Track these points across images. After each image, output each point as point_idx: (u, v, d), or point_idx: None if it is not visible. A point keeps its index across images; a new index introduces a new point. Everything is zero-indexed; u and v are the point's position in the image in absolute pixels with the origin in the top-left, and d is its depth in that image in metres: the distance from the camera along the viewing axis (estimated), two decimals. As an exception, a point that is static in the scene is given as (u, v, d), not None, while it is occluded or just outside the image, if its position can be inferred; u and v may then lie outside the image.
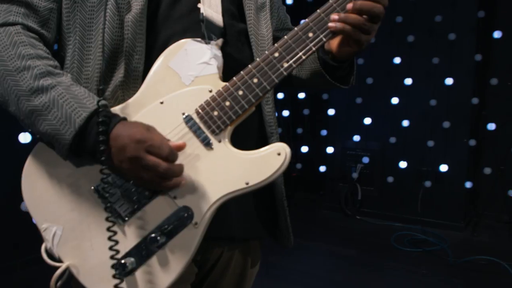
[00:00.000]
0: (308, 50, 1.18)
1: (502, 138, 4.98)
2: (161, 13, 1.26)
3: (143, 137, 1.08)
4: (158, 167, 1.07)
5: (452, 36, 4.80)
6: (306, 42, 1.18)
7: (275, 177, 1.15)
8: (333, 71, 1.36)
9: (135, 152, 1.07)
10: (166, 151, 1.08)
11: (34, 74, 1.13)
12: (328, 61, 1.34)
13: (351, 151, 5.58)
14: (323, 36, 1.18)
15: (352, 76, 1.41)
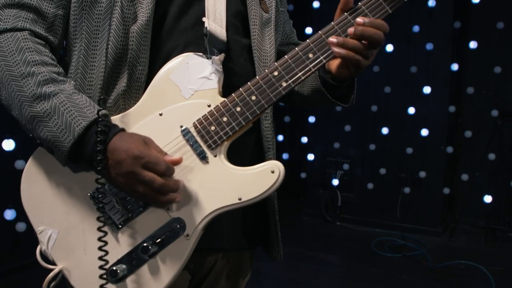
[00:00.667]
0: (307, 70, 1.19)
1: (478, 145, 5.10)
2: (166, 25, 1.27)
3: (140, 152, 1.10)
4: (154, 183, 1.10)
5: (429, 46, 4.91)
6: (306, 62, 1.20)
7: (268, 194, 1.17)
8: (333, 90, 1.38)
9: (131, 167, 1.10)
10: (162, 167, 1.11)
11: (37, 81, 1.15)
12: (328, 80, 1.35)
13: (331, 158, 5.64)
14: (323, 57, 1.20)
15: (352, 95, 1.43)
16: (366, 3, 1.21)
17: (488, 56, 5.01)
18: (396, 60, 5.14)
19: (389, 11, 1.21)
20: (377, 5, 1.21)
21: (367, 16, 1.20)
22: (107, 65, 1.22)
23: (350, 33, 1.19)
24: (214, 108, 1.20)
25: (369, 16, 1.20)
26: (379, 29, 1.20)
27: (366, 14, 1.20)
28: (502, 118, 4.97)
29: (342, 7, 1.23)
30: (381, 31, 1.20)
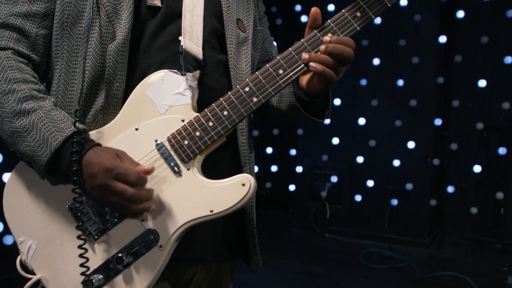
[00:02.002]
0: (277, 86, 1.23)
1: (464, 158, 5.15)
2: (143, 43, 1.32)
3: (111, 165, 1.14)
4: (125, 193, 1.14)
5: (416, 59, 4.98)
6: (276, 78, 1.23)
7: (239, 206, 1.20)
8: (308, 106, 1.41)
9: (104, 180, 1.14)
10: (133, 178, 1.15)
11: (18, 98, 1.19)
12: (301, 97, 1.39)
13: (320, 170, 5.67)
14: (293, 73, 1.24)
15: (327, 110, 1.46)
16: (335, 21, 1.26)
17: (473, 70, 5.09)
18: (383, 73, 5.21)
19: (357, 28, 1.25)
20: (346, 22, 1.25)
21: (336, 33, 1.25)
22: (86, 82, 1.26)
23: (321, 50, 1.23)
24: (188, 123, 1.24)
25: (337, 33, 1.25)
26: (347, 46, 1.24)
27: (335, 31, 1.24)
28: (488, 131, 5.04)
29: (311, 24, 1.27)
30: (350, 48, 1.24)
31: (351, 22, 1.25)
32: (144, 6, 1.33)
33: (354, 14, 1.24)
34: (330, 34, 1.24)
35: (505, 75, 4.97)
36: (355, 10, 1.25)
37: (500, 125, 4.98)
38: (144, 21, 1.32)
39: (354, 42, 1.25)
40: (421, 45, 5.03)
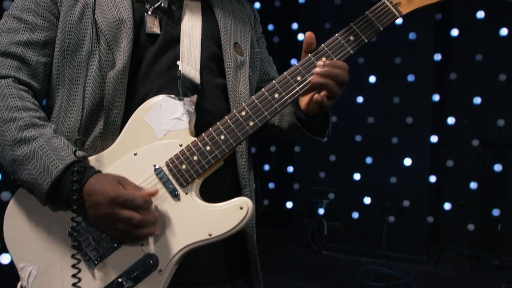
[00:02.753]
0: (273, 110, 1.26)
1: (460, 174, 5.17)
2: (141, 70, 1.34)
3: (115, 193, 1.16)
4: (133, 219, 1.16)
5: (411, 77, 5.02)
6: (271, 102, 1.26)
7: (237, 229, 1.22)
8: (308, 124, 1.44)
9: (109, 209, 1.16)
10: (140, 202, 1.17)
11: (19, 126, 1.21)
12: (301, 116, 1.42)
13: (317, 187, 5.67)
14: (288, 97, 1.27)
15: (327, 129, 1.49)
16: (329, 45, 1.29)
17: (468, 87, 5.14)
18: (379, 91, 5.24)
19: (351, 52, 1.29)
20: (339, 46, 1.28)
21: (330, 57, 1.28)
22: (85, 109, 1.28)
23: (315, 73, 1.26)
24: (185, 147, 1.26)
25: (331, 57, 1.28)
26: (341, 70, 1.27)
27: (329, 55, 1.28)
28: (484, 147, 5.06)
29: (305, 48, 1.30)
30: (344, 72, 1.27)
31: (345, 46, 1.28)
32: (143, 33, 1.36)
33: (348, 38, 1.28)
34: (324, 58, 1.27)
35: (499, 92, 5.02)
36: (348, 34, 1.28)
37: (495, 142, 5.01)
38: (143, 48, 1.35)
39: (347, 66, 1.28)
40: (416, 63, 5.07)
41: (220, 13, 1.50)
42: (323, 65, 1.25)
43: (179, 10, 1.43)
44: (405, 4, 1.29)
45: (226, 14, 1.51)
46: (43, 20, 1.33)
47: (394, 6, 1.29)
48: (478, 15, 4.88)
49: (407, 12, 1.29)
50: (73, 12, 1.33)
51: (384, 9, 1.29)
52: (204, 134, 1.27)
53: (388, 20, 1.28)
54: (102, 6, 1.33)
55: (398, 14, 1.29)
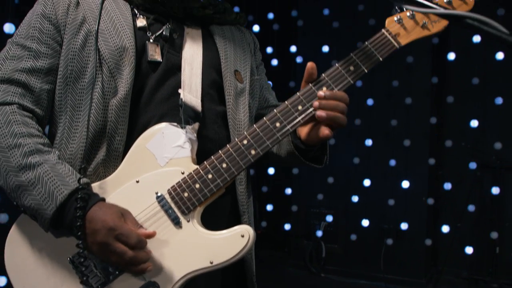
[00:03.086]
0: (275, 139, 1.28)
1: (458, 197, 5.18)
2: (143, 97, 1.36)
3: (114, 224, 1.17)
4: (124, 255, 1.17)
5: (408, 100, 5.06)
6: (273, 131, 1.28)
7: (239, 257, 1.23)
8: (306, 153, 1.46)
9: (105, 238, 1.17)
10: (133, 241, 1.18)
11: (23, 152, 1.23)
12: (299, 145, 1.43)
13: (315, 209, 5.66)
14: (290, 126, 1.28)
15: (325, 156, 1.50)
16: (330, 74, 1.31)
17: (465, 110, 5.17)
18: (377, 113, 5.27)
19: (351, 82, 1.31)
20: (340, 76, 1.30)
21: (330, 87, 1.30)
22: (88, 136, 1.30)
23: (315, 106, 1.28)
24: (188, 175, 1.27)
25: (332, 86, 1.30)
26: (341, 101, 1.29)
27: (329, 85, 1.29)
28: (481, 170, 5.08)
29: (307, 78, 1.32)
30: (343, 103, 1.29)
31: (345, 76, 1.30)
32: (145, 61, 1.38)
33: (348, 68, 1.30)
34: (325, 88, 1.29)
35: (496, 115, 5.05)
36: (348, 64, 1.30)
37: (493, 165, 5.03)
38: (145, 75, 1.37)
39: (347, 97, 1.30)
40: (413, 86, 5.11)
41: (220, 41, 1.52)
42: (324, 97, 1.27)
43: (180, 38, 1.45)
44: (404, 35, 1.32)
45: (227, 42, 1.53)
46: (47, 48, 1.35)
47: (393, 37, 1.31)
48: (474, 39, 4.93)
49: (406, 43, 1.31)
50: (76, 39, 1.35)
51: (383, 40, 1.31)
52: (206, 162, 1.28)
53: (388, 51, 1.31)
54: (104, 34, 1.35)
55: (397, 45, 1.31)
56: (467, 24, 0.93)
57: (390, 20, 1.33)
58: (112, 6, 1.40)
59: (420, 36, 1.32)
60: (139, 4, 1.44)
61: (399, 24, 1.32)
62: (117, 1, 1.43)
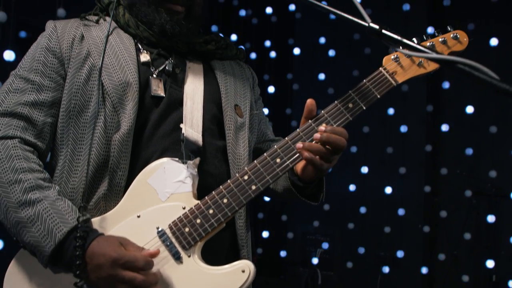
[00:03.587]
0: (275, 175, 1.30)
1: (454, 225, 5.18)
2: (146, 132, 1.37)
3: (117, 255, 1.17)
4: (135, 280, 1.16)
5: (404, 128, 5.10)
6: (273, 167, 1.30)
7: None
8: (302, 190, 1.47)
9: (111, 270, 1.17)
10: (141, 263, 1.18)
11: (24, 188, 1.23)
12: (296, 182, 1.45)
13: (311, 236, 5.65)
14: (289, 162, 1.31)
15: (321, 194, 1.52)
16: (329, 111, 1.33)
17: (460, 138, 5.21)
18: (373, 141, 5.30)
19: (350, 119, 1.33)
20: (339, 113, 1.33)
21: (330, 123, 1.32)
22: (90, 170, 1.31)
23: (315, 139, 1.30)
24: (189, 210, 1.28)
25: (331, 123, 1.32)
26: (341, 136, 1.30)
27: (328, 121, 1.32)
28: (477, 197, 5.09)
29: (306, 115, 1.35)
30: (343, 138, 1.31)
31: (344, 113, 1.33)
32: (148, 96, 1.40)
33: (347, 105, 1.33)
34: (325, 124, 1.31)
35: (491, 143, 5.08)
36: (347, 101, 1.33)
37: (488, 192, 5.04)
38: (148, 110, 1.39)
39: (347, 133, 1.32)
40: (409, 114, 5.16)
41: (221, 76, 1.54)
42: (324, 131, 1.29)
43: (182, 73, 1.48)
44: (401, 73, 1.35)
45: (227, 77, 1.56)
46: (50, 81, 1.37)
47: (390, 75, 1.35)
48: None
49: (403, 81, 1.34)
50: (80, 73, 1.37)
51: (381, 78, 1.34)
52: (207, 197, 1.29)
53: (385, 88, 1.34)
54: (109, 68, 1.37)
55: (394, 83, 1.35)
56: (458, 68, 0.96)
57: (387, 58, 1.37)
58: (116, 41, 1.43)
59: (417, 74, 1.35)
60: (143, 38, 1.46)
61: (396, 63, 1.35)
62: (121, 35, 1.46)
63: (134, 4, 1.47)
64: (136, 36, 1.47)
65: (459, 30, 1.38)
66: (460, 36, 1.37)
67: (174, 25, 1.45)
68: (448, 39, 1.37)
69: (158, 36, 1.45)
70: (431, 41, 1.38)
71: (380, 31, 1.13)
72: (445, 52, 1.36)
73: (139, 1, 1.46)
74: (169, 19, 1.45)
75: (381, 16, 4.99)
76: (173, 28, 1.45)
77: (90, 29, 1.45)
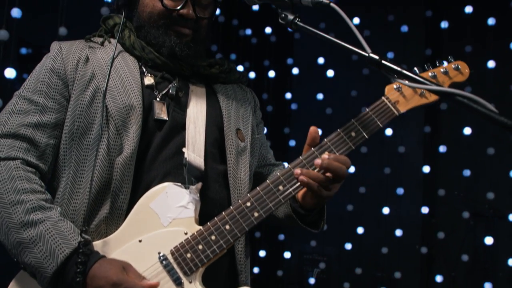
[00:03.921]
0: (277, 202, 1.30)
1: (451, 246, 5.17)
2: (148, 156, 1.37)
3: (118, 279, 1.17)
4: None
5: (401, 149, 5.11)
6: (276, 194, 1.30)
7: None
8: (304, 217, 1.47)
9: None
10: None
11: (26, 208, 1.23)
12: (297, 209, 1.45)
13: (308, 256, 5.63)
14: (292, 189, 1.31)
15: (322, 222, 1.52)
16: (331, 140, 1.34)
17: (457, 159, 5.22)
18: (370, 161, 5.31)
19: (352, 147, 1.34)
20: (341, 142, 1.33)
21: (332, 151, 1.32)
22: (92, 192, 1.31)
23: (316, 165, 1.30)
24: (191, 236, 1.28)
25: (334, 151, 1.33)
26: (343, 164, 1.31)
27: (331, 149, 1.33)
28: (474, 219, 5.09)
29: (310, 142, 1.35)
30: (345, 166, 1.31)
31: (347, 141, 1.33)
32: (152, 119, 1.40)
33: (349, 134, 1.33)
34: (327, 152, 1.32)
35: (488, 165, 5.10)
36: (350, 130, 1.34)
37: (486, 214, 5.04)
38: (151, 134, 1.39)
39: (349, 161, 1.33)
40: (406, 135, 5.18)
41: (223, 99, 1.55)
42: (327, 158, 1.29)
43: (185, 96, 1.49)
44: (403, 103, 1.36)
45: (229, 101, 1.56)
46: (54, 103, 1.37)
47: (392, 105, 1.36)
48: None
49: (405, 111, 1.35)
50: (84, 96, 1.38)
51: (383, 107, 1.35)
52: (210, 223, 1.29)
53: (387, 118, 1.35)
54: (113, 91, 1.38)
55: (396, 112, 1.36)
56: (457, 100, 0.97)
57: (389, 88, 1.38)
58: (121, 63, 1.43)
59: (419, 104, 1.36)
60: (148, 60, 1.47)
61: (398, 92, 1.37)
62: (125, 58, 1.47)
63: (143, 26, 1.49)
64: (141, 59, 1.48)
65: (460, 61, 1.40)
66: (461, 67, 1.39)
67: (183, 47, 1.47)
68: (450, 70, 1.39)
69: (164, 59, 1.47)
70: (433, 71, 1.39)
71: (380, 61, 1.15)
72: (447, 83, 1.38)
73: (148, 24, 1.48)
74: (178, 42, 1.47)
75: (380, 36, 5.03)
76: (182, 51, 1.47)
77: (95, 51, 1.46)
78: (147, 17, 1.49)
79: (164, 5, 1.45)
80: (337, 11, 1.22)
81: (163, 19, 1.47)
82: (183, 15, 1.47)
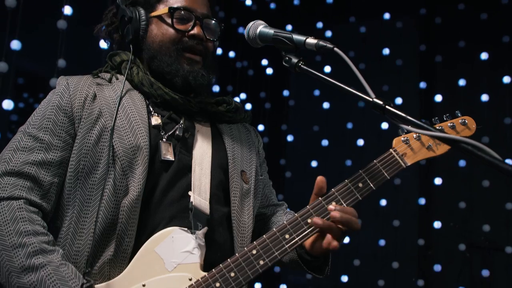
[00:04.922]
0: (283, 250, 1.30)
1: (448, 278, 5.14)
2: (154, 198, 1.37)
3: None
4: None
5: (397, 181, 5.12)
6: (282, 243, 1.30)
7: None
8: (309, 263, 1.47)
9: None
10: None
11: (27, 252, 1.22)
12: (303, 255, 1.45)
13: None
14: (298, 239, 1.31)
15: (327, 267, 1.51)
16: (339, 190, 1.34)
17: (453, 191, 5.23)
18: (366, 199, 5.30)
19: (359, 198, 1.34)
20: (349, 192, 1.34)
21: (339, 202, 1.33)
22: (96, 233, 1.30)
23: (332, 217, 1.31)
24: (195, 282, 1.27)
25: (341, 202, 1.33)
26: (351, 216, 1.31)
27: (338, 200, 1.33)
28: (471, 251, 5.07)
29: (317, 192, 1.35)
30: (354, 218, 1.32)
31: (354, 192, 1.34)
32: (158, 160, 1.40)
33: (357, 185, 1.34)
34: (334, 202, 1.32)
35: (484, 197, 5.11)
36: (357, 181, 1.34)
37: (482, 245, 5.03)
38: (157, 175, 1.39)
39: (356, 213, 1.33)
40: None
41: (228, 141, 1.55)
42: (334, 209, 1.30)
43: (191, 137, 1.48)
44: (411, 156, 1.37)
45: (234, 142, 1.56)
46: (59, 140, 1.37)
47: (400, 157, 1.37)
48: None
49: (412, 163, 1.36)
50: (91, 134, 1.37)
51: (391, 160, 1.37)
52: (215, 270, 1.28)
53: (395, 170, 1.36)
54: (120, 131, 1.37)
55: (404, 165, 1.37)
56: (462, 148, 0.98)
57: (397, 140, 1.39)
58: (128, 102, 1.43)
59: (426, 157, 1.38)
60: (157, 96, 1.46)
61: (406, 145, 1.38)
62: (133, 96, 1.46)
63: (155, 56, 1.51)
64: (149, 95, 1.48)
65: (468, 116, 1.41)
66: (468, 123, 1.41)
67: (197, 76, 1.49)
68: (457, 124, 1.41)
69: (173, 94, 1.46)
70: (440, 125, 1.41)
71: (384, 106, 1.16)
72: (454, 137, 1.38)
73: (160, 53, 1.50)
74: (191, 70, 1.49)
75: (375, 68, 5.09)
76: (195, 79, 1.49)
77: (103, 88, 1.46)
78: (158, 46, 1.50)
79: (175, 28, 1.48)
80: (341, 56, 1.23)
81: (175, 45, 1.50)
82: (194, 36, 1.49)
